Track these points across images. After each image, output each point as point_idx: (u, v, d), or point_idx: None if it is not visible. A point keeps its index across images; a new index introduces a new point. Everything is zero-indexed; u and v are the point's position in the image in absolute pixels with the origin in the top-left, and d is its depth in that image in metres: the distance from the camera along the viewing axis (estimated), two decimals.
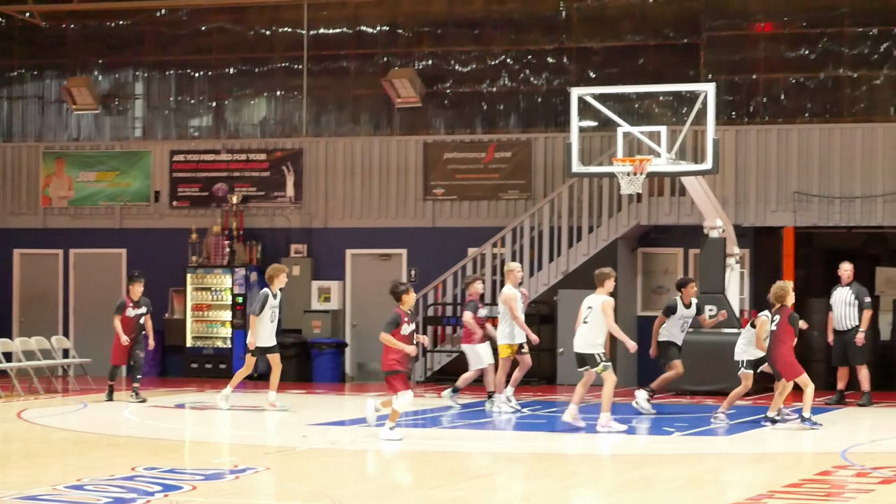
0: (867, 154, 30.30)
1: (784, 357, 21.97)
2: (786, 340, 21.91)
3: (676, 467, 18.96)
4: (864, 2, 31.21)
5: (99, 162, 35.21)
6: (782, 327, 21.87)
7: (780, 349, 21.94)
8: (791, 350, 22.05)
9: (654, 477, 17.92)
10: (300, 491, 16.71)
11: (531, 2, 33.08)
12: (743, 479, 17.80)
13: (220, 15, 34.95)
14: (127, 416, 25.05)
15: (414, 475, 18.70)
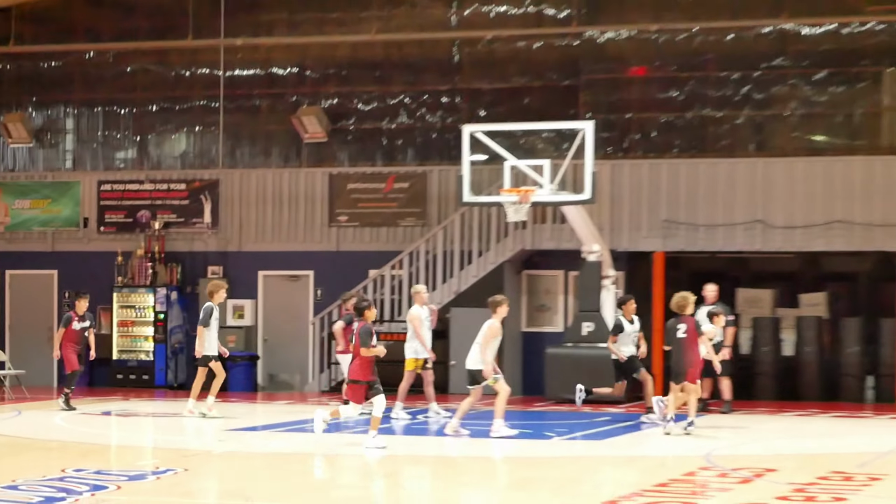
0: (729, 186, 30.54)
1: (695, 361, 22.00)
2: (694, 347, 21.92)
3: (556, 469, 19.07)
4: (727, 48, 31.45)
5: (33, 191, 34.98)
6: (691, 334, 21.84)
7: (690, 354, 21.86)
8: (699, 355, 22.13)
9: (536, 477, 18.01)
10: (216, 490, 16.74)
11: (427, 46, 33.15)
12: (616, 479, 17.91)
13: (144, 57, 34.81)
14: (58, 423, 24.90)
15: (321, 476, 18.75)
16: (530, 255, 31.74)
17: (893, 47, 30.54)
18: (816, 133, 31.37)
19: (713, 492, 16.51)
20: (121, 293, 33.31)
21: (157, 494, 16.21)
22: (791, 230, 30.24)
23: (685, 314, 22.04)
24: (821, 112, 31.28)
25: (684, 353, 21.88)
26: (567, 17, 32.21)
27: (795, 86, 31.24)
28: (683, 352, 21.89)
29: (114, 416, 26.17)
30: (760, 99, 31.44)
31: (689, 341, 21.82)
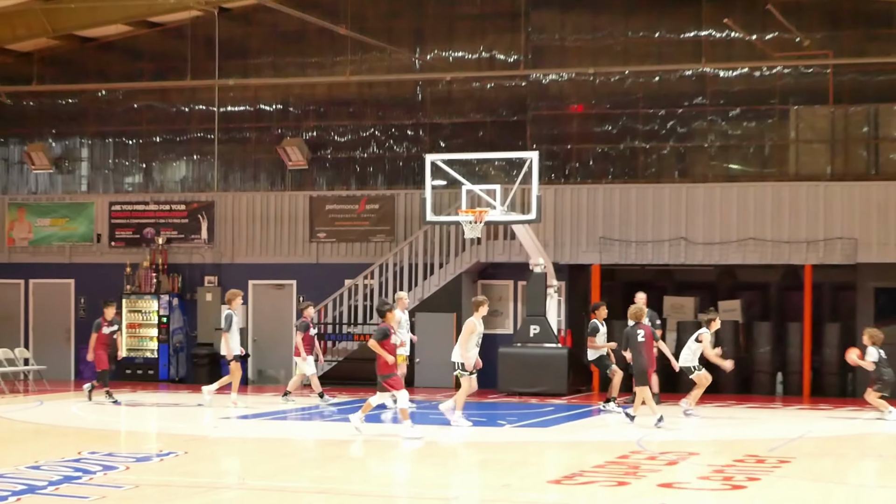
0: (657, 207, 30.54)
1: (653, 362, 21.86)
2: (651, 349, 21.80)
3: (507, 452, 19.00)
4: (654, 89, 31.48)
5: (52, 211, 34.82)
6: (648, 339, 21.70)
7: (649, 357, 21.75)
8: (654, 357, 22.04)
9: (489, 460, 17.96)
10: (213, 470, 16.62)
11: (394, 86, 33.10)
12: (559, 462, 17.87)
13: (149, 95, 34.69)
14: (75, 412, 24.74)
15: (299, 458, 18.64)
16: (485, 267, 31.67)
17: (798, 88, 30.64)
18: (732, 162, 31.41)
19: (644, 472, 16.45)
20: (129, 299, 33.19)
21: (161, 474, 16.13)
22: (710, 246, 30.24)
23: (641, 322, 21.93)
24: (736, 144, 31.34)
25: (644, 355, 21.72)
26: (515, 62, 32.20)
27: (713, 121, 31.30)
28: (643, 354, 21.73)
29: (123, 406, 25.99)
30: (683, 132, 31.49)
31: (647, 345, 21.72)
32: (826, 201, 29.68)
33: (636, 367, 21.82)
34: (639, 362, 21.75)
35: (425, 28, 32.96)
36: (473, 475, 16.56)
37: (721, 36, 30.87)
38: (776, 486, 15.52)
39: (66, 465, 16.39)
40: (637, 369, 21.84)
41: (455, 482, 15.83)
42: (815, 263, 29.55)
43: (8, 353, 29.64)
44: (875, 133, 30.57)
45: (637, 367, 21.83)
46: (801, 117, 30.93)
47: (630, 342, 21.94)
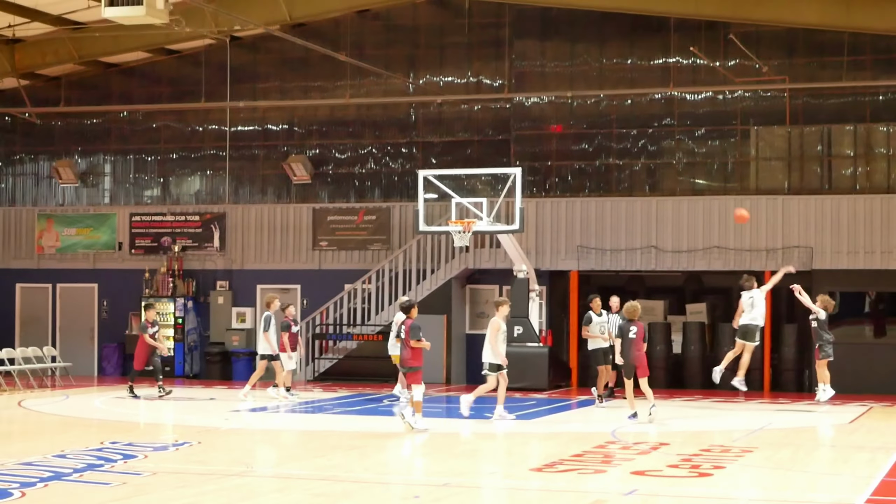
0: (629, 218, 30.56)
1: (643, 357, 21.37)
2: (642, 346, 21.29)
3: (493, 442, 18.94)
4: (626, 111, 31.46)
5: (78, 221, 34.76)
6: (639, 335, 21.21)
7: (640, 352, 21.25)
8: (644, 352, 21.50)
9: (477, 449, 17.91)
10: (224, 458, 16.53)
11: (390, 108, 33.05)
12: (540, 451, 17.80)
13: (166, 116, 34.61)
14: (97, 405, 24.65)
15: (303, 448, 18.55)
16: (472, 273, 31.65)
17: (757, 110, 30.65)
18: (698, 177, 31.35)
19: (619, 461, 16.42)
20: (147, 302, 33.02)
21: (177, 462, 16.07)
22: (678, 254, 30.24)
23: (635, 319, 21.40)
24: (701, 161, 31.29)
25: (635, 350, 21.23)
26: (500, 86, 32.15)
27: (680, 140, 31.27)
28: (634, 350, 21.23)
29: (142, 400, 25.90)
30: (653, 150, 31.47)
31: (638, 341, 21.32)
32: (784, 213, 29.73)
33: (624, 360, 21.54)
34: (627, 356, 21.40)
35: (418, 55, 32.93)
36: (462, 463, 16.48)
37: (687, 63, 30.86)
38: (739, 473, 15.49)
39: (90, 454, 16.33)
40: (625, 363, 21.59)
41: (445, 470, 15.74)
42: (773, 270, 29.47)
43: (37, 351, 29.65)
44: (828, 151, 30.54)
45: (625, 361, 21.56)
46: (760, 137, 30.91)
47: (623, 337, 21.63)
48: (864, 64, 30.11)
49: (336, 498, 13.29)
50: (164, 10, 21.15)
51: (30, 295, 34.46)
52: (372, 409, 23.45)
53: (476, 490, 14.12)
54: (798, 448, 18.43)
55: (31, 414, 23.09)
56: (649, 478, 14.98)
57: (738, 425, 21.62)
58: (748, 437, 19.61)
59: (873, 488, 14.07)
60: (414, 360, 19.53)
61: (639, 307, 21.75)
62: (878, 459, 16.63)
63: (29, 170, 36.02)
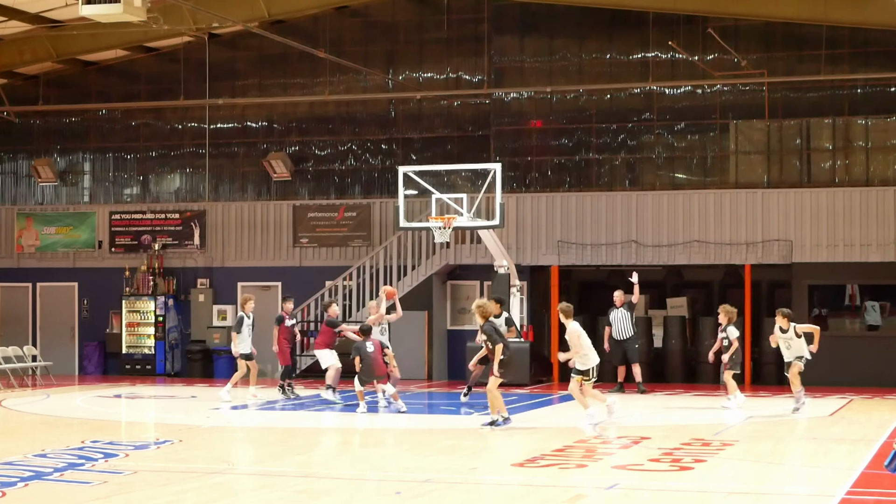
0: (610, 213, 30.60)
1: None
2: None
3: (474, 438, 18.94)
4: (606, 105, 31.51)
5: (57, 220, 34.68)
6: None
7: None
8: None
9: (458, 445, 17.89)
10: (205, 456, 16.51)
11: (369, 104, 33.04)
12: (522, 446, 17.77)
13: (145, 114, 34.59)
14: (78, 403, 24.60)
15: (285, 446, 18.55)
16: (453, 269, 31.65)
17: (736, 104, 30.71)
18: (677, 172, 31.42)
19: (600, 455, 16.48)
20: (128, 300, 33.08)
21: (158, 460, 16.07)
22: (658, 248, 30.28)
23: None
24: (680, 155, 31.36)
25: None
26: (479, 82, 32.16)
27: (660, 135, 31.32)
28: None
29: (123, 398, 25.89)
30: (633, 145, 31.53)
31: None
32: (763, 207, 29.79)
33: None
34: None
35: (397, 52, 32.92)
36: (443, 459, 16.49)
37: (666, 57, 30.91)
38: (720, 466, 15.54)
39: (71, 453, 16.31)
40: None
41: (427, 466, 15.75)
42: (753, 263, 29.65)
43: (17, 350, 29.43)
44: (807, 145, 30.63)
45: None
46: (739, 131, 30.98)
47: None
48: (842, 57, 30.20)
49: (317, 495, 13.30)
50: (141, 8, 21.10)
51: (9, 294, 34.37)
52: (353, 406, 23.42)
53: (458, 486, 14.12)
54: (778, 441, 18.50)
55: (11, 413, 23.02)
56: (630, 472, 15.02)
57: (719, 419, 21.69)
58: (729, 430, 19.69)
59: (853, 480, 14.14)
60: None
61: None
62: (858, 451, 16.71)
63: (8, 169, 35.93)
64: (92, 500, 12.93)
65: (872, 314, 30.12)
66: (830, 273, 29.54)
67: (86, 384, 28.75)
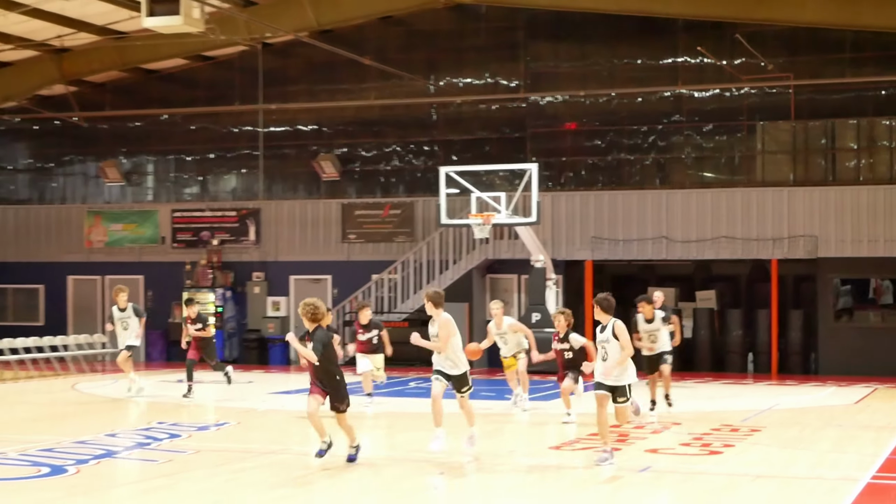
0: (641, 210, 30.50)
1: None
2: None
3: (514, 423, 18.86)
4: (637, 108, 31.35)
5: (124, 217, 34.91)
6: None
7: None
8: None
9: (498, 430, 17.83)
10: (261, 437, 16.53)
11: (412, 108, 33.00)
12: (559, 431, 17.67)
13: (204, 118, 34.67)
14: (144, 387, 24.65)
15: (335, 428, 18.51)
16: (492, 263, 31.60)
17: (763, 106, 30.48)
18: (706, 171, 31.26)
19: (633, 440, 16.41)
20: (189, 292, 33.11)
21: (218, 441, 16.14)
22: (688, 243, 30.15)
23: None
24: (709, 155, 31.19)
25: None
26: (516, 86, 32.10)
27: (689, 136, 31.15)
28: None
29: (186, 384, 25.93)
30: (663, 146, 31.36)
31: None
32: (789, 204, 29.60)
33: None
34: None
35: (438, 58, 32.89)
36: (484, 443, 16.41)
37: (695, 62, 30.73)
38: (748, 451, 15.43)
39: (139, 433, 16.42)
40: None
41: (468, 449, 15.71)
42: (780, 258, 29.45)
43: (88, 338, 30.02)
44: (832, 144, 30.39)
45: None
46: (766, 131, 30.78)
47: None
48: (866, 60, 29.95)
49: (363, 473, 13.28)
50: (200, 20, 21.16)
51: (80, 286, 34.63)
52: (399, 392, 23.43)
53: (497, 467, 14.07)
54: (804, 427, 18.34)
55: (83, 396, 23.16)
56: (662, 455, 14.94)
57: (747, 406, 21.54)
58: (757, 416, 19.55)
59: (878, 465, 14.01)
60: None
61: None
62: (883, 438, 16.56)
63: (77, 170, 36.20)
64: (158, 476, 12.97)
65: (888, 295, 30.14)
66: (855, 267, 29.31)
67: (151, 370, 28.86)
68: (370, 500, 12.30)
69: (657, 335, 18.80)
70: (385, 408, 20.38)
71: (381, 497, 12.39)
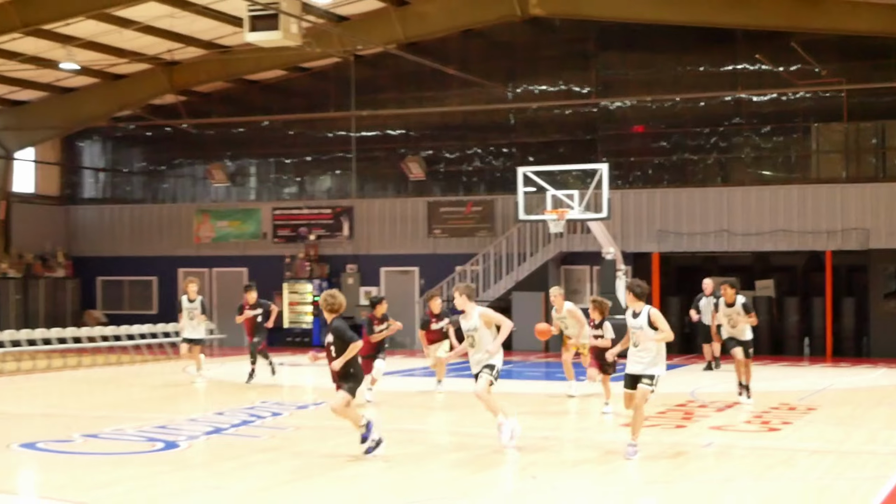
0: (703, 206, 30.31)
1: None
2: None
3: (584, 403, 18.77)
4: (699, 112, 31.10)
5: (229, 215, 35.21)
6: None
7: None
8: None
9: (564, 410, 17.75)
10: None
11: (491, 114, 32.97)
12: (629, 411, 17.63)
13: (301, 125, 34.91)
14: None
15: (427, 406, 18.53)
16: (566, 255, 31.53)
17: (817, 109, 30.13)
18: (764, 169, 30.95)
19: (698, 417, 16.33)
20: (289, 283, 33.53)
21: (316, 419, 16.22)
22: (747, 236, 29.90)
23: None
24: (767, 155, 30.88)
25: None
26: (588, 93, 31.98)
27: (748, 137, 30.87)
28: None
29: (286, 366, 26.16)
30: (724, 146, 31.10)
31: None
32: (842, 199, 29.29)
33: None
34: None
35: (515, 68, 32.85)
36: (553, 421, 16.42)
37: (753, 68, 30.44)
38: (805, 428, 15.30)
39: (244, 412, 16.53)
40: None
41: (543, 425, 15.71)
42: (833, 249, 29.11)
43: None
44: (882, 144, 29.98)
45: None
46: (820, 132, 30.40)
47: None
48: None
49: (448, 450, 13.30)
50: (297, 34, 21.34)
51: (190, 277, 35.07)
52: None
53: (571, 442, 14.05)
54: (857, 406, 18.13)
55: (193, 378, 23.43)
56: (725, 432, 14.85)
57: (804, 386, 21.32)
58: (813, 396, 19.34)
59: None
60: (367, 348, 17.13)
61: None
62: None
63: (187, 172, 36.58)
64: (263, 451, 13.09)
65: None
66: None
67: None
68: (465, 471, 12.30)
69: (737, 320, 17.50)
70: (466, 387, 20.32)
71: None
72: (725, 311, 17.70)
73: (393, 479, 11.53)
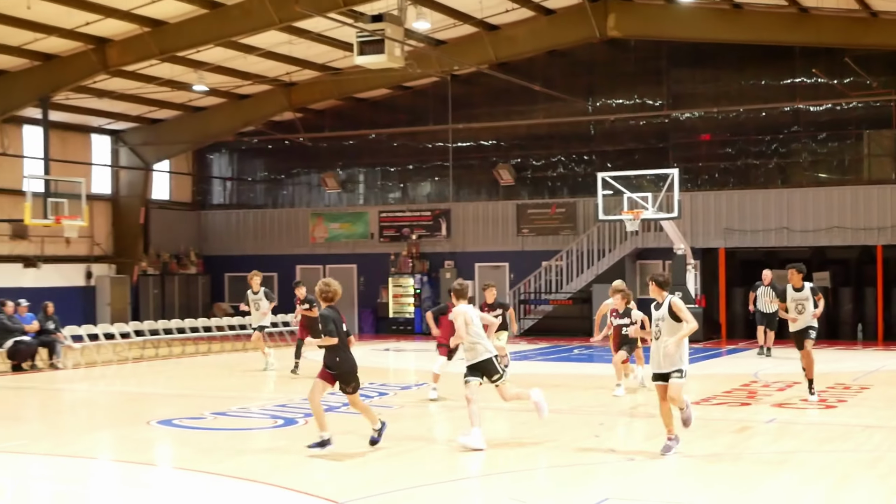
0: (765, 206, 29.91)
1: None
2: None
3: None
4: (761, 121, 30.64)
5: (340, 218, 35.47)
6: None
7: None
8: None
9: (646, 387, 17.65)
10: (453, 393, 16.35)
11: (573, 125, 32.78)
12: (698, 389, 17.40)
13: (404, 137, 35.05)
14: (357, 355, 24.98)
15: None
16: (641, 251, 31.30)
17: (869, 118, 29.51)
18: (820, 172, 30.41)
19: (761, 396, 16.14)
20: (393, 278, 33.66)
21: (420, 398, 16.31)
22: (805, 232, 29.44)
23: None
24: (822, 159, 30.33)
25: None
26: (661, 105, 31.68)
27: (806, 143, 30.35)
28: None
29: (391, 351, 26.34)
30: (783, 152, 30.62)
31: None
32: (892, 199, 28.75)
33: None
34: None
35: (595, 83, 32.67)
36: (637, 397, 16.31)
37: (810, 81, 29.93)
38: (859, 406, 15.07)
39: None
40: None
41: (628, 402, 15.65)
42: (884, 244, 28.59)
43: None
44: None
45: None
46: (871, 138, 29.79)
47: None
48: None
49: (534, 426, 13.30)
50: (400, 57, 21.44)
51: (306, 274, 35.18)
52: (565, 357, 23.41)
53: (649, 418, 13.99)
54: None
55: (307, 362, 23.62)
56: (786, 409, 14.67)
57: (858, 368, 20.96)
58: (866, 377, 19.02)
59: None
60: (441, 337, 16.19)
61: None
62: None
63: (303, 180, 36.95)
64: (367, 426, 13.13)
65: None
66: None
67: (363, 341, 29.34)
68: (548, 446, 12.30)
69: (805, 305, 15.73)
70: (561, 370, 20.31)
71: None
72: (794, 295, 15.81)
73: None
